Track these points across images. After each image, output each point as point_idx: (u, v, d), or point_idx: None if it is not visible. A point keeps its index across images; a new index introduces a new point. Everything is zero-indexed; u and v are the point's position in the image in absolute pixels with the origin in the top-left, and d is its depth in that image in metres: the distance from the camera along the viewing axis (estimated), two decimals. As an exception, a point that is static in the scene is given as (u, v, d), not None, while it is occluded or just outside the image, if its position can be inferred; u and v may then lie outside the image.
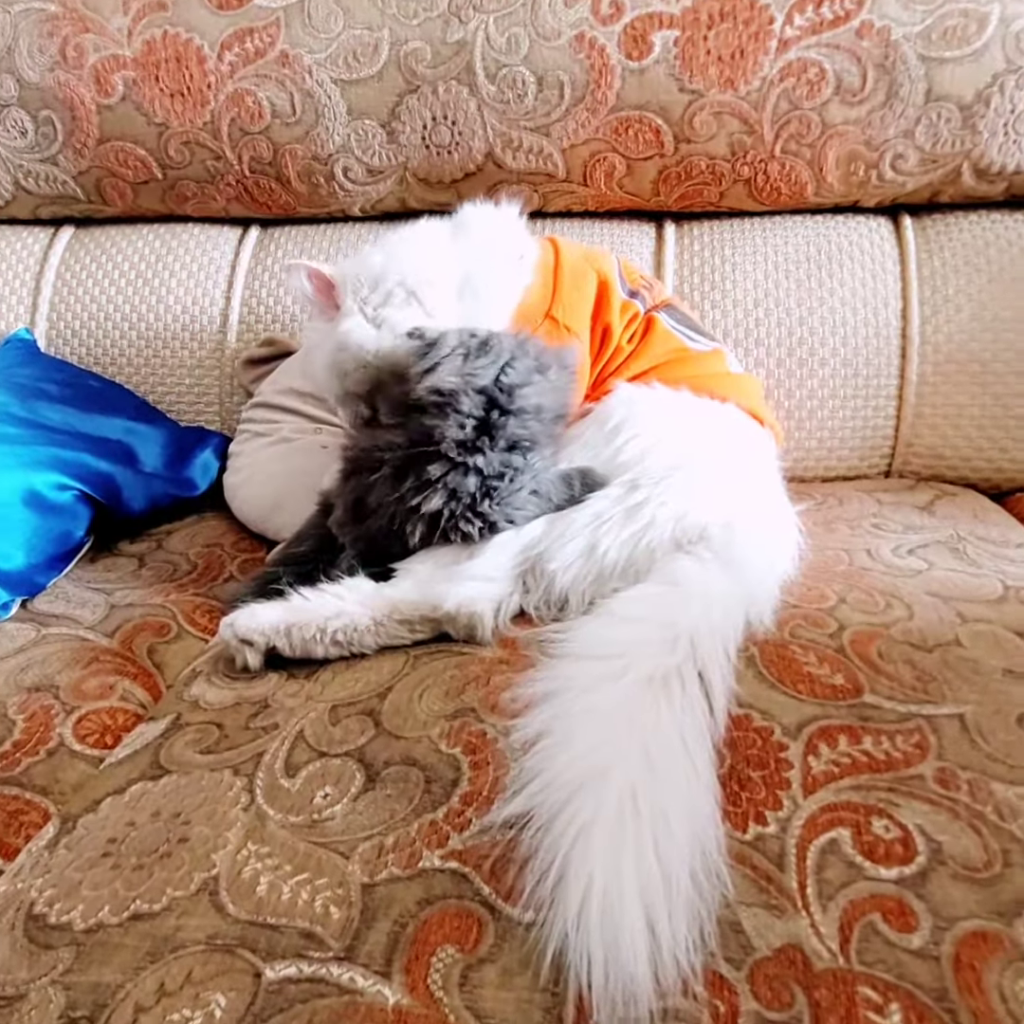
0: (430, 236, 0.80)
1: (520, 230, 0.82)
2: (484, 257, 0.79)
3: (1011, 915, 0.40)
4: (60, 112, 1.09)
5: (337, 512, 0.71)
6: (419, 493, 0.65)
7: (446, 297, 0.76)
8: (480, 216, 0.82)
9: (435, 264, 0.77)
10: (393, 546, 0.68)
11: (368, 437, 0.69)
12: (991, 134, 0.97)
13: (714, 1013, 0.38)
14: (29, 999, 0.41)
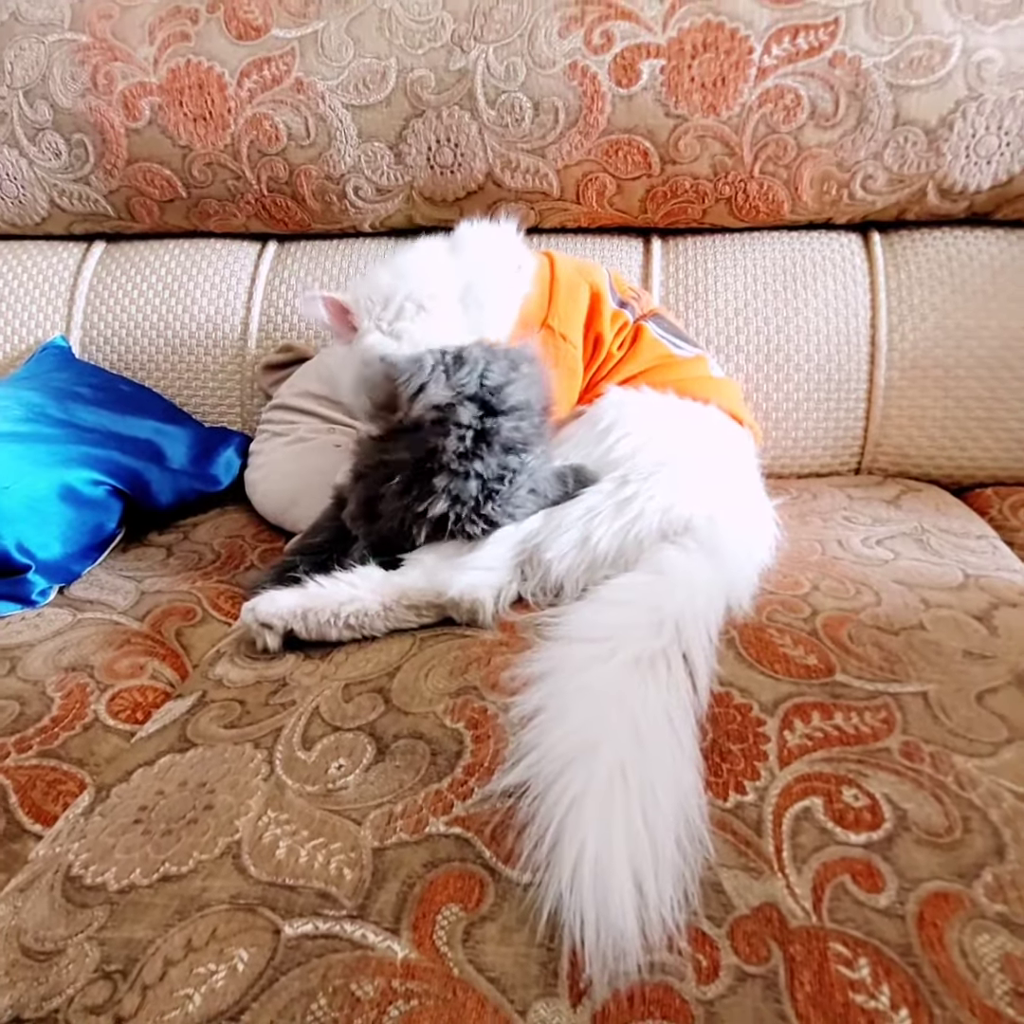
0: (430, 253, 0.80)
1: (517, 244, 0.82)
2: (484, 269, 0.79)
3: (971, 877, 0.40)
4: (91, 135, 1.08)
5: (350, 507, 0.70)
6: (424, 500, 0.65)
7: (451, 308, 0.75)
8: (476, 232, 0.82)
9: (437, 278, 0.76)
10: (403, 543, 0.68)
11: (379, 450, 0.69)
12: (954, 156, 0.96)
13: (697, 966, 0.38)
14: (67, 954, 0.41)
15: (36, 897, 0.44)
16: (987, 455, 0.98)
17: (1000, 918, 0.38)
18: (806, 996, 0.36)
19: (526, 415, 0.66)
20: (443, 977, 0.38)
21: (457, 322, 0.75)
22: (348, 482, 0.71)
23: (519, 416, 0.66)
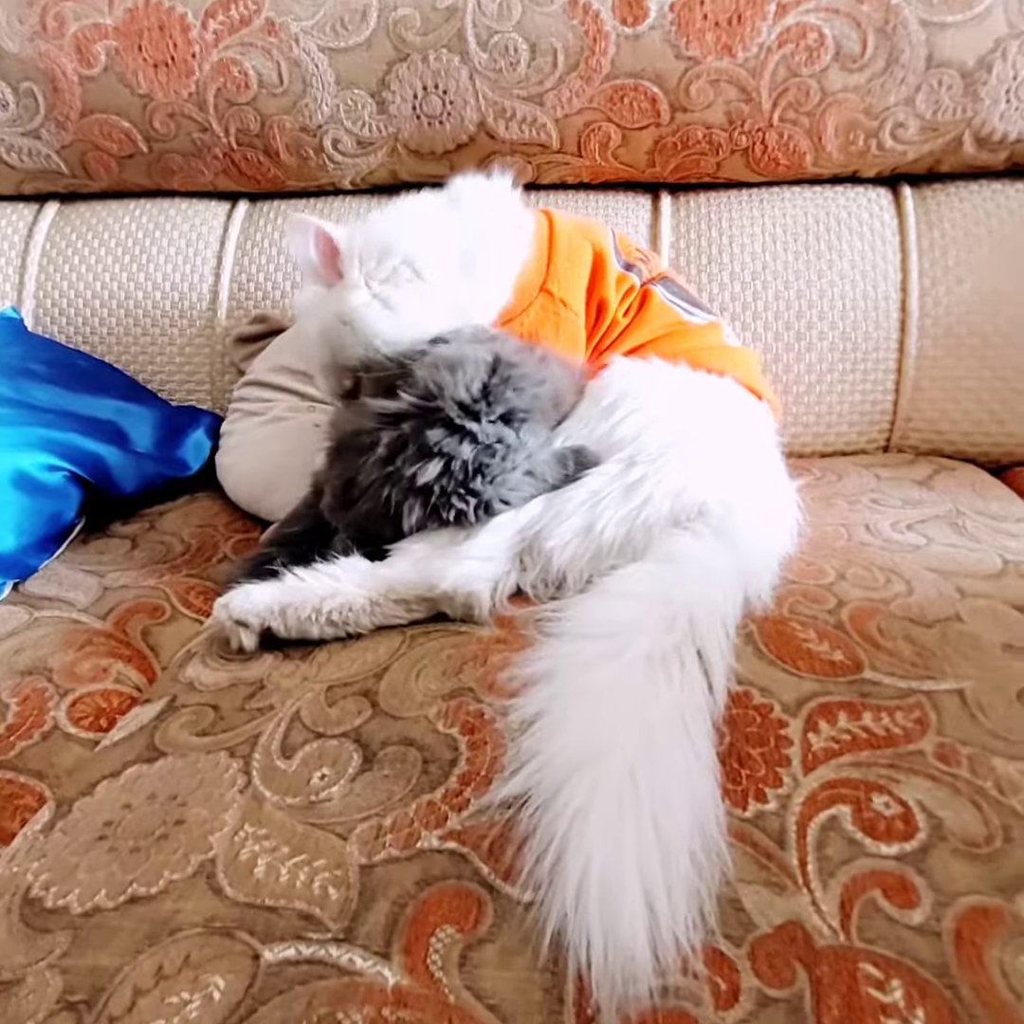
0: (429, 210, 0.79)
1: (515, 202, 0.81)
2: (482, 231, 0.78)
3: (1012, 890, 0.40)
4: (41, 84, 1.06)
5: (327, 498, 0.70)
6: (415, 463, 0.64)
7: (449, 273, 0.75)
8: (474, 188, 0.80)
9: (437, 240, 0.76)
10: (385, 530, 0.67)
11: (354, 413, 0.68)
12: (993, 101, 0.95)
13: (715, 990, 0.38)
14: (27, 983, 0.41)
15: (-8, 922, 0.44)
16: (1028, 430, 0.98)
17: (1044, 935, 0.38)
18: (834, 1021, 0.36)
19: (532, 391, 0.67)
20: (438, 1004, 0.38)
21: (452, 293, 0.74)
22: (323, 468, 0.71)
23: (524, 391, 0.66)
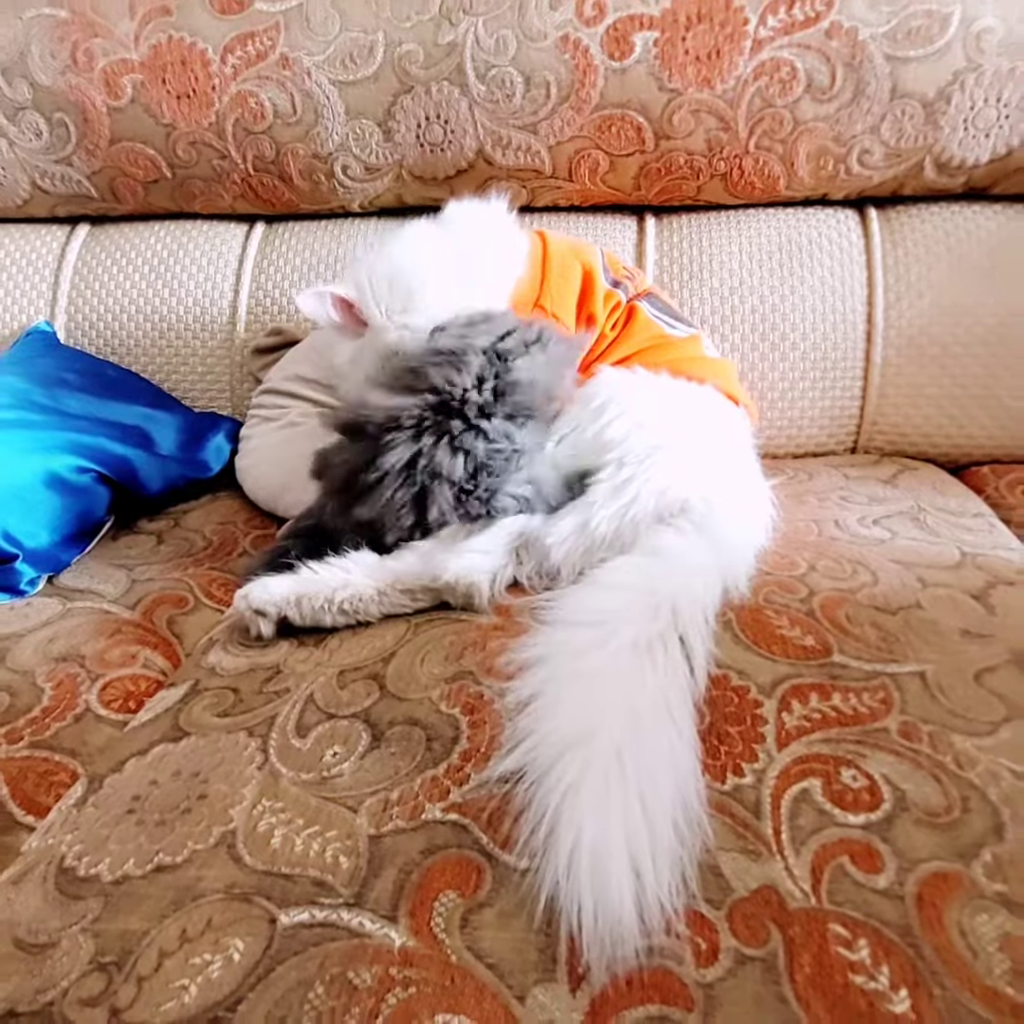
0: (425, 238, 0.79)
1: (509, 223, 0.81)
2: (476, 251, 0.77)
3: (970, 856, 0.40)
4: (73, 115, 1.05)
5: (328, 501, 0.69)
6: (435, 453, 0.63)
7: (448, 294, 0.75)
8: (467, 212, 0.80)
9: (434, 264, 0.75)
10: (392, 530, 0.66)
11: (356, 414, 0.67)
12: (952, 129, 0.95)
13: (696, 949, 0.38)
14: (61, 946, 0.41)
15: (29, 889, 0.44)
16: (984, 433, 0.98)
17: (999, 897, 0.38)
18: (806, 978, 0.36)
19: (529, 391, 0.66)
20: (441, 964, 0.38)
21: (452, 309, 0.74)
22: (319, 491, 0.69)
23: (522, 388, 0.65)
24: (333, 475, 0.68)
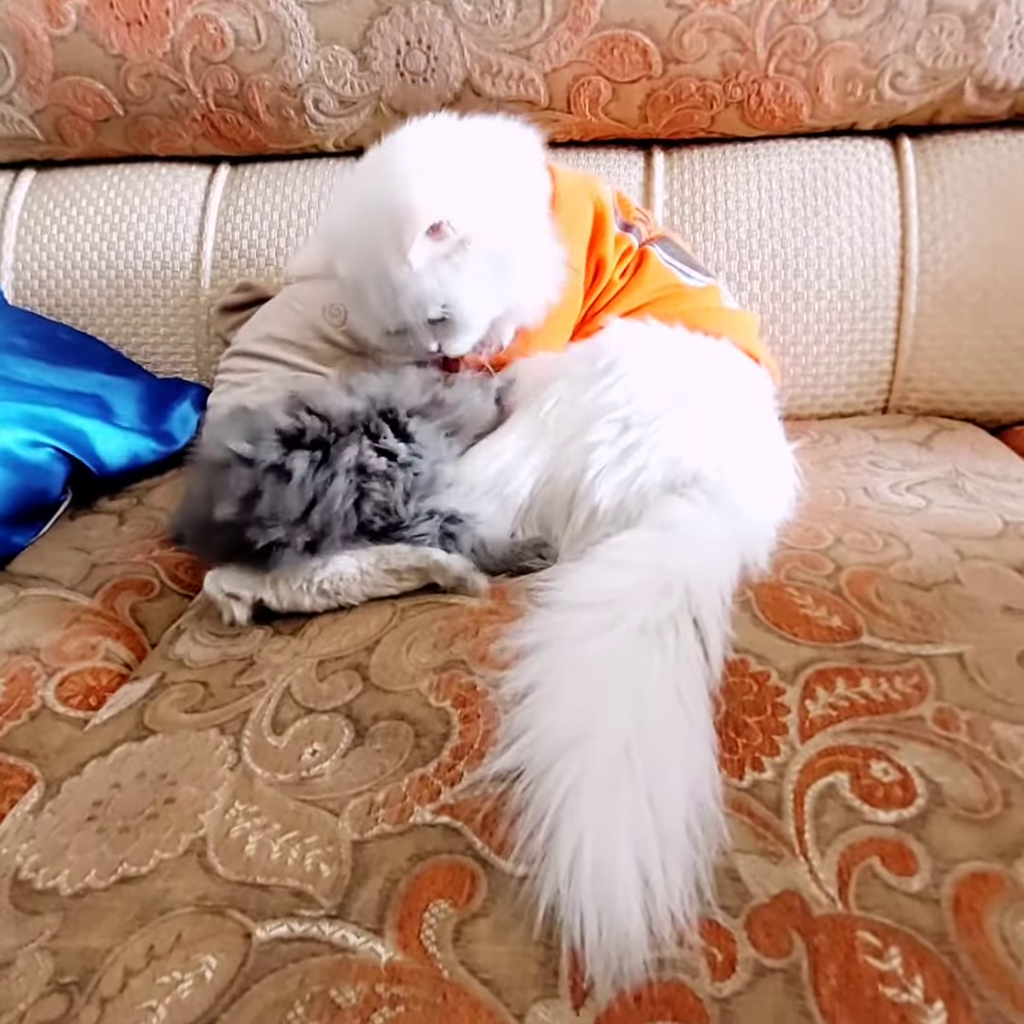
0: (470, 143, 0.73)
1: (536, 150, 0.77)
2: (516, 169, 0.75)
3: (1011, 856, 0.39)
4: (11, 45, 1.03)
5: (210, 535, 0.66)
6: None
7: (517, 199, 0.72)
8: (492, 125, 0.76)
9: (494, 170, 0.72)
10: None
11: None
12: (995, 48, 0.92)
13: (711, 961, 0.37)
14: (17, 966, 0.41)
15: (-19, 904, 0.44)
16: (1029, 388, 0.96)
17: (1044, 900, 0.38)
18: (831, 991, 0.36)
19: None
20: (432, 980, 0.38)
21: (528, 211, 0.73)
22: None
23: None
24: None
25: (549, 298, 0.73)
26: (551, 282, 0.73)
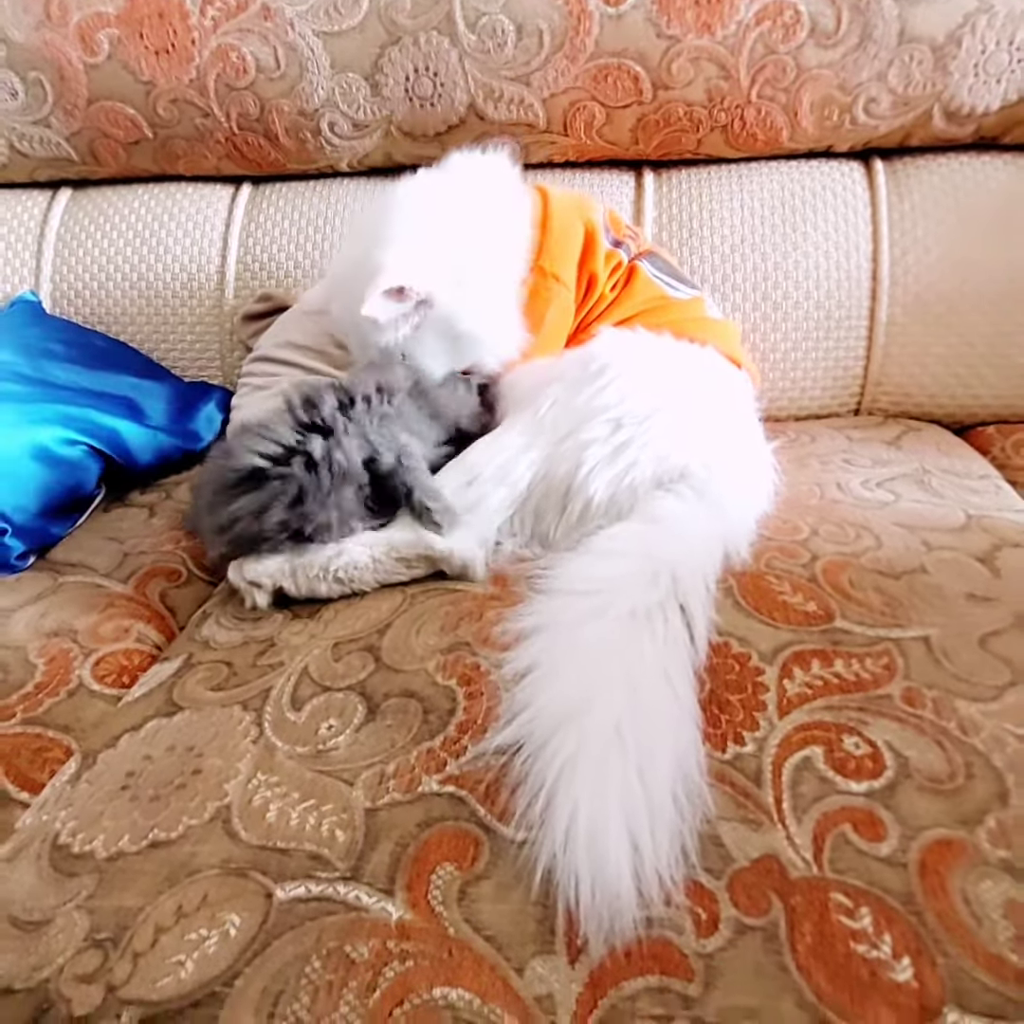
0: (442, 200, 0.73)
1: (512, 178, 0.77)
2: (492, 211, 0.73)
3: (973, 823, 0.40)
4: (48, 73, 1.02)
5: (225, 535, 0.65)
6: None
7: (484, 261, 0.71)
8: (471, 167, 0.76)
9: (464, 233, 0.71)
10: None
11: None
12: (962, 75, 0.91)
13: (696, 920, 0.37)
14: (56, 923, 0.41)
15: (23, 867, 0.44)
16: (990, 392, 0.96)
17: (1003, 864, 0.38)
18: (807, 947, 0.36)
19: None
20: (438, 937, 0.38)
21: (496, 271, 0.72)
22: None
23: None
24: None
25: (509, 357, 0.74)
26: (511, 344, 0.73)
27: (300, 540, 0.63)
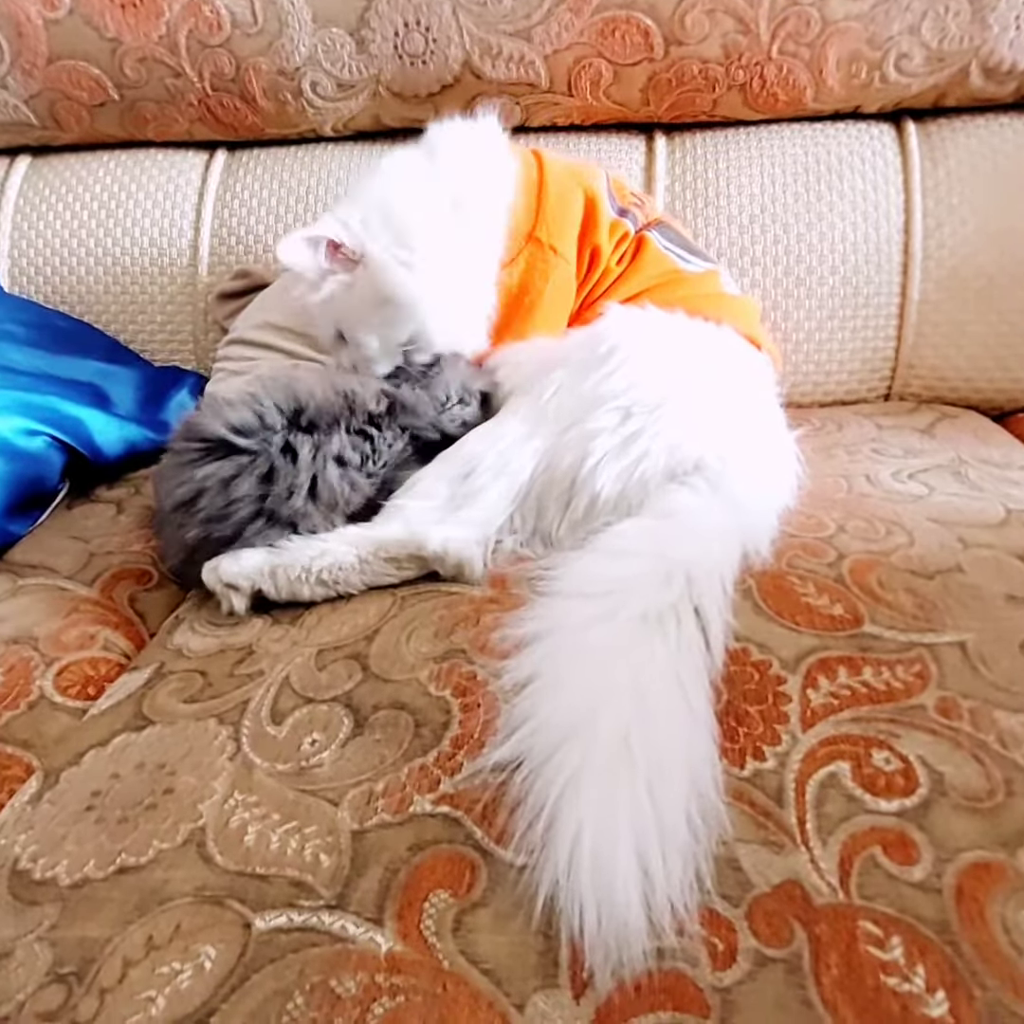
0: (406, 168, 0.76)
1: (498, 144, 0.78)
2: (464, 179, 0.75)
3: (1014, 845, 0.39)
4: (5, 29, 1.02)
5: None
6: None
7: (442, 228, 0.73)
8: (451, 135, 0.78)
9: (421, 198, 0.74)
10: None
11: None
12: (1002, 28, 0.91)
13: (712, 951, 0.37)
14: (15, 956, 0.40)
15: (-20, 894, 0.44)
16: (1032, 375, 0.96)
17: (1047, 889, 0.38)
18: (833, 980, 0.36)
19: None
20: (432, 970, 0.38)
21: (446, 246, 0.73)
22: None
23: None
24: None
25: (472, 347, 0.76)
26: (468, 322, 0.75)
27: (276, 526, 0.64)
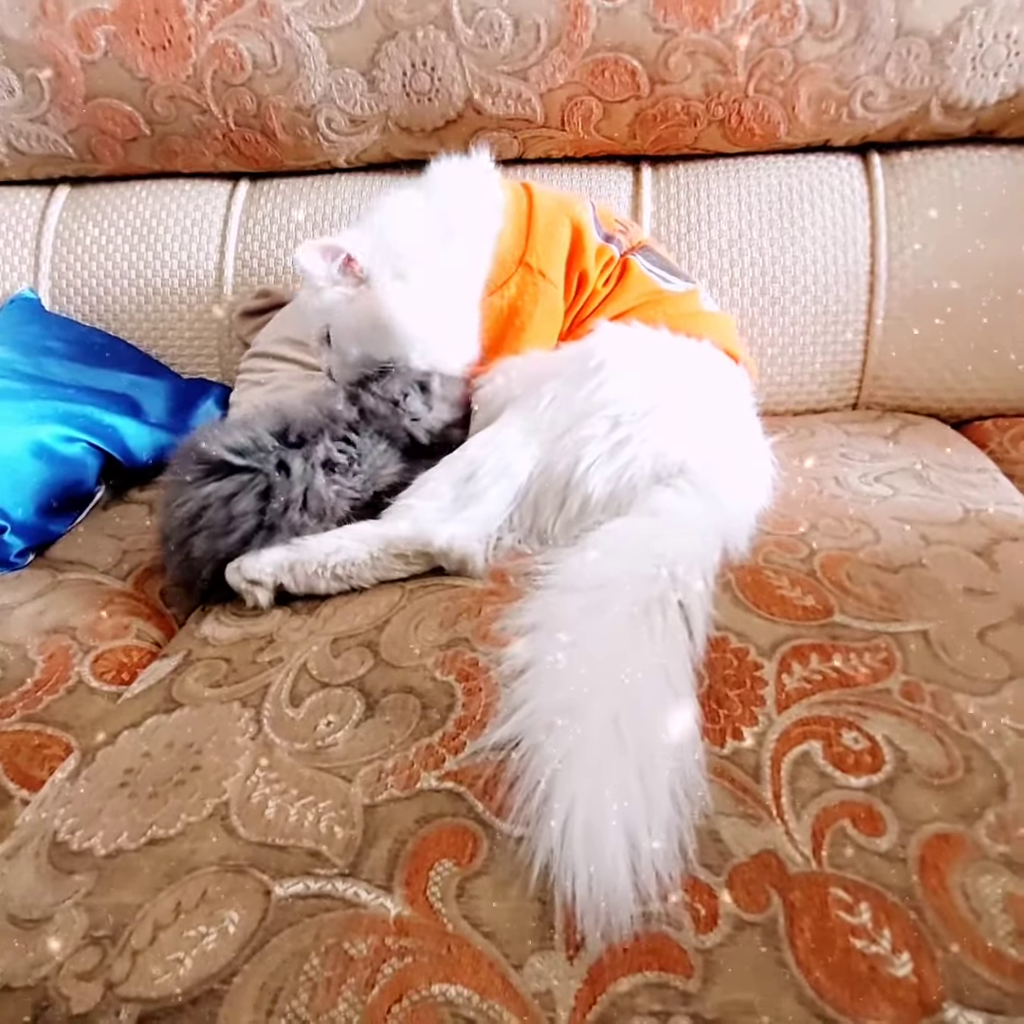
0: (404, 205, 0.76)
1: (487, 177, 0.77)
2: (455, 211, 0.74)
3: (973, 818, 0.39)
4: (45, 70, 1.01)
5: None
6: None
7: (433, 259, 0.73)
8: (447, 171, 0.77)
9: (415, 232, 0.73)
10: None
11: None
12: (959, 69, 0.90)
13: (695, 916, 0.37)
14: (55, 920, 0.40)
15: (22, 864, 0.44)
16: (987, 386, 0.95)
17: (1002, 858, 0.37)
18: (806, 943, 0.36)
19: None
20: (437, 933, 0.37)
21: (441, 277, 0.73)
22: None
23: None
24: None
25: (451, 368, 0.75)
26: (452, 348, 0.75)
27: (275, 538, 0.64)
